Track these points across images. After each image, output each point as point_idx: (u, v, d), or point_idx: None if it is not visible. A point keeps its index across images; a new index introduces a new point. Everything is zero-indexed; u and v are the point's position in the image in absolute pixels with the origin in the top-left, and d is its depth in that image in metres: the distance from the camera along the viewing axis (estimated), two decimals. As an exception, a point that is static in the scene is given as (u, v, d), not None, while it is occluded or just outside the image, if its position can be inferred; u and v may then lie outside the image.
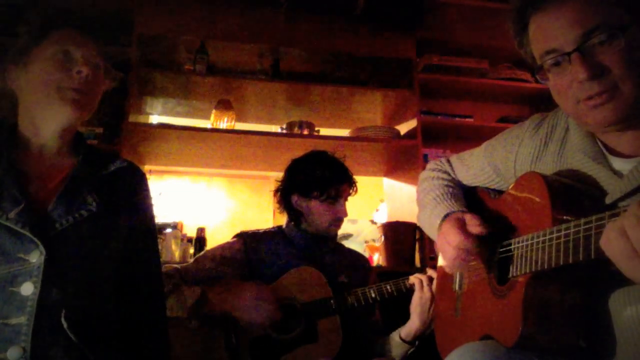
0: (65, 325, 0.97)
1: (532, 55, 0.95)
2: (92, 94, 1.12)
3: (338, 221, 1.80)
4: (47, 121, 1.10)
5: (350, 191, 1.83)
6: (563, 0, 0.86)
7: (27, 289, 0.96)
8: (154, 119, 3.06)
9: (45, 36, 1.12)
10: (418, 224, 1.30)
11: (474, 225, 1.01)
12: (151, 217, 1.25)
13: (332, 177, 1.77)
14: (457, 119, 2.93)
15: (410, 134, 2.81)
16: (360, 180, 1.89)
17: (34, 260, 0.97)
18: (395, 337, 1.64)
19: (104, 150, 1.26)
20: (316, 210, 1.77)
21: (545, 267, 0.84)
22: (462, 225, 1.03)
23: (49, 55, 1.09)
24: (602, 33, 0.82)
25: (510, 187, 1.05)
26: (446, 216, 1.11)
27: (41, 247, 0.97)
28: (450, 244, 1.02)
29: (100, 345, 1.02)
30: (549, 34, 0.88)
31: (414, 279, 1.61)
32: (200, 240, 2.84)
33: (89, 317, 1.03)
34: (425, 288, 1.57)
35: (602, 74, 0.82)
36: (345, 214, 1.81)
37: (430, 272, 1.59)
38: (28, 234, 0.97)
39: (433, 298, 1.55)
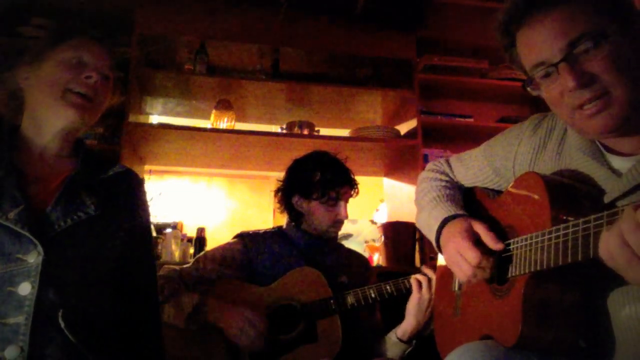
0: (62, 325, 0.98)
1: (523, 68, 0.96)
2: (97, 101, 1.15)
3: (338, 223, 1.80)
4: (50, 122, 1.12)
5: (352, 193, 1.83)
6: (545, 14, 0.87)
7: (25, 288, 0.96)
8: (154, 119, 3.06)
9: (62, 41, 1.14)
10: (417, 225, 1.30)
11: (492, 242, 0.99)
12: (147, 221, 1.26)
13: (332, 179, 1.76)
14: (457, 119, 2.93)
15: (410, 134, 2.81)
16: (360, 180, 1.89)
17: (31, 261, 0.97)
18: (392, 336, 1.64)
19: (103, 154, 1.28)
20: (316, 211, 1.77)
21: (545, 267, 0.84)
22: (475, 239, 1.01)
23: (62, 58, 1.12)
24: (586, 41, 0.83)
25: (509, 187, 1.05)
26: (446, 221, 1.11)
27: (39, 248, 0.98)
28: (468, 261, 0.99)
29: (97, 345, 1.03)
30: (535, 47, 0.89)
31: (413, 280, 1.60)
32: (200, 240, 2.84)
33: (86, 317, 1.03)
34: (425, 289, 1.56)
35: (591, 81, 0.83)
36: (346, 216, 1.80)
37: (428, 272, 1.57)
38: (27, 234, 0.98)
39: (431, 299, 1.54)
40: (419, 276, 1.59)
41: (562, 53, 0.85)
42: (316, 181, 1.76)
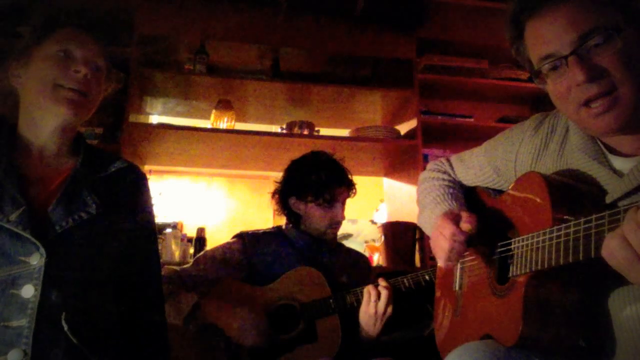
0: (65, 327, 0.97)
1: (529, 61, 0.95)
2: (90, 94, 1.11)
3: (335, 224, 1.79)
4: (44, 120, 1.09)
5: (349, 194, 1.82)
6: (557, 5, 0.86)
7: (28, 291, 0.96)
8: (154, 119, 3.06)
9: (48, 35, 1.11)
10: (418, 225, 1.30)
11: (466, 222, 1.02)
12: (151, 217, 1.24)
13: (327, 180, 1.75)
14: (457, 119, 2.93)
15: (410, 134, 2.81)
16: (360, 180, 1.88)
17: (34, 263, 0.97)
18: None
19: (105, 151, 1.26)
20: (313, 213, 1.76)
21: (545, 266, 0.84)
22: (456, 219, 1.04)
23: (50, 53, 1.09)
24: (597, 35, 0.82)
25: (510, 186, 1.05)
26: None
27: (42, 250, 0.97)
28: (444, 236, 1.03)
29: (101, 347, 1.02)
30: (545, 39, 0.88)
31: (365, 291, 1.59)
32: (200, 240, 2.84)
33: (89, 318, 1.03)
34: (371, 304, 1.56)
35: (600, 76, 0.82)
36: (342, 217, 1.80)
37: (381, 286, 1.57)
38: (29, 236, 0.97)
39: (379, 313, 1.55)
40: (371, 288, 1.58)
41: (573, 46, 0.84)
42: (311, 183, 1.76)
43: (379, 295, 1.56)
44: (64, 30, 1.12)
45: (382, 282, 1.59)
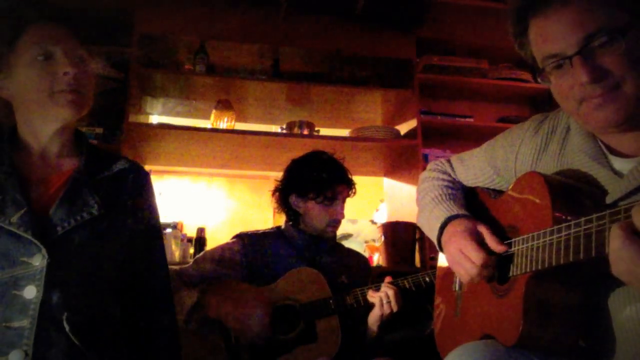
0: (67, 328, 0.97)
1: (532, 57, 0.94)
2: (85, 90, 1.09)
3: (335, 222, 1.80)
4: (45, 125, 1.08)
5: (349, 192, 1.83)
6: (563, 3, 0.85)
7: (30, 292, 0.95)
8: (154, 119, 3.06)
9: (18, 37, 1.06)
10: (418, 225, 1.30)
11: (495, 244, 0.99)
12: (156, 217, 1.23)
13: (328, 178, 1.76)
14: (457, 119, 2.93)
15: (410, 134, 2.81)
16: (360, 180, 1.89)
17: (36, 264, 0.97)
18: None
19: (107, 151, 1.24)
20: (313, 211, 1.77)
21: (546, 266, 0.84)
22: (478, 239, 1.01)
23: (29, 60, 1.05)
24: (603, 36, 0.82)
25: (510, 187, 1.05)
26: (448, 220, 1.10)
27: (43, 251, 0.97)
28: (474, 262, 0.99)
29: (103, 348, 1.02)
30: (550, 37, 0.87)
31: (377, 298, 1.61)
32: (200, 240, 2.84)
33: (91, 319, 1.02)
34: (385, 306, 1.59)
35: (603, 77, 0.82)
36: (342, 216, 1.80)
37: (388, 287, 1.60)
38: (30, 237, 0.97)
39: (393, 311, 1.59)
40: (382, 293, 1.60)
41: (578, 46, 0.83)
42: (311, 181, 1.76)
43: (387, 295, 1.59)
44: (33, 29, 1.07)
45: (386, 278, 1.61)
